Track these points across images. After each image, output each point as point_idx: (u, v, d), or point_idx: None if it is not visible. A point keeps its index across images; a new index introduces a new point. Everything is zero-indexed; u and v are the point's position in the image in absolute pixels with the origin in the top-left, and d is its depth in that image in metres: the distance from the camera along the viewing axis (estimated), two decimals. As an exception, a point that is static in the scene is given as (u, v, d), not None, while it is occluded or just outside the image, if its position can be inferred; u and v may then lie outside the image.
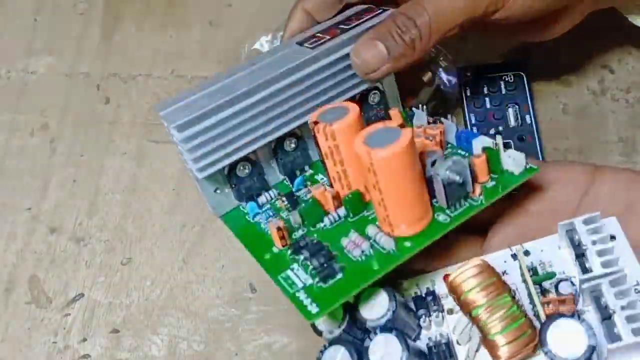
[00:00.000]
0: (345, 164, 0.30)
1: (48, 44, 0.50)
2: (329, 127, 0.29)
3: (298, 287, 0.29)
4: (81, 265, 0.42)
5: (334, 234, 0.31)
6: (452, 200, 0.30)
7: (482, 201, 0.30)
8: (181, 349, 0.39)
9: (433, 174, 0.29)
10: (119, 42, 0.50)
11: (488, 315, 0.26)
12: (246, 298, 0.40)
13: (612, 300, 0.26)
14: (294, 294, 0.29)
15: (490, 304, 0.27)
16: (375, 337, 0.28)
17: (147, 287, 0.41)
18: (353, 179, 0.31)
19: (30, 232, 0.43)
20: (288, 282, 0.29)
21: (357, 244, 0.29)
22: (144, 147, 0.46)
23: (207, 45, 0.49)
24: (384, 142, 0.27)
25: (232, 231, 0.34)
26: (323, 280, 0.28)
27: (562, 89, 0.45)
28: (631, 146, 0.42)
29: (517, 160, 0.30)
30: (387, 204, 0.28)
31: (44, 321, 0.41)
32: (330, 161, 0.30)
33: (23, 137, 0.47)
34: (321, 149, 0.30)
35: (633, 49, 0.46)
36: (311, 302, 0.28)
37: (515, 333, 0.26)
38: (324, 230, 0.31)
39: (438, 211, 0.30)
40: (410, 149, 0.27)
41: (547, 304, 0.27)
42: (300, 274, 0.30)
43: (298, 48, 0.34)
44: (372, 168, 0.27)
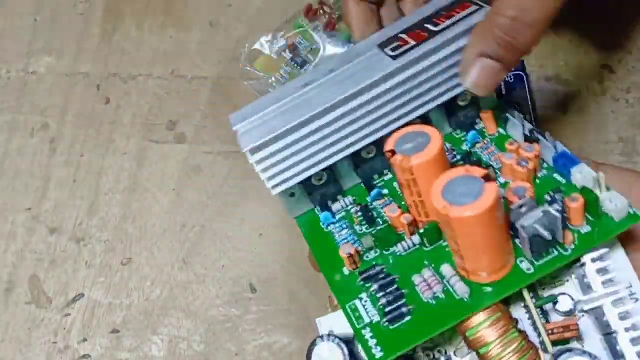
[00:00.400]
0: (423, 196, 0.28)
1: (48, 44, 0.50)
2: (407, 161, 0.27)
3: (364, 322, 0.28)
4: (81, 265, 0.42)
5: (406, 263, 0.29)
6: (537, 253, 0.27)
7: (572, 251, 0.27)
8: (181, 349, 0.39)
9: (519, 226, 0.26)
10: (119, 42, 0.50)
11: (499, 351, 0.26)
12: (246, 298, 0.40)
13: (614, 322, 0.26)
14: (359, 330, 0.27)
15: (500, 340, 0.26)
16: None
17: (147, 287, 0.41)
18: (431, 209, 0.29)
19: (30, 232, 0.43)
20: (355, 314, 0.28)
21: (430, 285, 0.28)
22: (144, 147, 0.46)
23: (207, 45, 0.49)
24: (465, 197, 0.24)
25: (305, 236, 0.32)
26: (390, 322, 0.27)
27: (562, 89, 0.45)
28: (631, 146, 0.42)
29: (619, 205, 0.27)
30: (464, 255, 0.26)
31: (44, 321, 0.41)
32: (407, 190, 0.28)
33: (23, 137, 0.47)
34: (398, 178, 0.28)
35: (633, 49, 0.46)
36: (376, 344, 0.27)
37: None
38: (397, 256, 0.29)
39: (521, 256, 0.27)
40: (493, 208, 0.24)
41: (551, 331, 0.27)
42: (368, 306, 0.28)
43: (379, 54, 0.31)
44: (449, 224, 0.25)
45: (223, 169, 0.45)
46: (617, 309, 0.26)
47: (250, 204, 0.43)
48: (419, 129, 0.28)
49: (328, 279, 0.30)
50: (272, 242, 0.42)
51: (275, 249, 0.42)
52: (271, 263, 0.41)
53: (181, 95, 0.48)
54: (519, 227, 0.26)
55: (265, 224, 0.42)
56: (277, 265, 0.41)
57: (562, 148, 0.30)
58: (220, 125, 0.46)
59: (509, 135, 0.33)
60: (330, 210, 0.32)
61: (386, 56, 0.30)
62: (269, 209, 0.43)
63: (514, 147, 0.30)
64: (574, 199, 0.27)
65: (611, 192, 0.27)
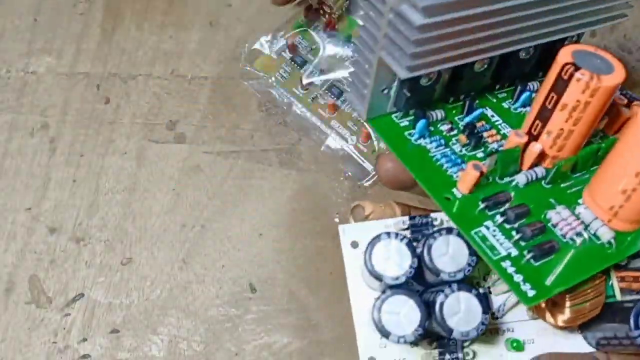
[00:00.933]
0: (579, 125, 0.25)
1: (48, 44, 0.50)
2: (598, 80, 0.24)
3: (501, 254, 0.24)
4: (81, 265, 0.42)
5: (527, 196, 0.26)
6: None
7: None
8: (181, 349, 0.39)
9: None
10: (119, 42, 0.50)
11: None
12: (246, 298, 0.40)
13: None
14: (498, 263, 0.24)
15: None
16: (451, 292, 0.25)
17: (147, 287, 0.41)
18: (572, 143, 0.26)
19: (30, 232, 0.43)
20: (487, 244, 0.25)
21: (572, 225, 0.25)
22: (144, 147, 0.46)
23: (207, 45, 0.49)
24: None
25: (387, 143, 0.28)
26: (535, 258, 0.24)
27: (562, 89, 0.45)
28: (631, 146, 0.42)
29: None
30: (637, 196, 0.24)
31: (44, 321, 0.41)
32: (564, 114, 0.25)
33: (23, 137, 0.47)
34: (562, 98, 0.25)
35: (633, 49, 0.46)
36: (523, 280, 0.24)
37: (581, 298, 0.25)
38: (515, 187, 0.27)
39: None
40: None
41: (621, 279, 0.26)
42: (499, 237, 0.25)
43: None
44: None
45: (223, 169, 0.45)
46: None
47: (250, 204, 0.43)
48: (596, 52, 0.25)
49: (436, 197, 0.26)
50: (272, 242, 0.42)
51: (275, 249, 0.42)
52: (271, 263, 0.41)
53: (181, 95, 0.48)
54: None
55: (265, 224, 0.42)
56: (277, 265, 0.41)
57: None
58: (220, 125, 0.46)
59: None
60: (428, 118, 0.28)
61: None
62: (269, 209, 0.43)
63: (623, 102, 0.28)
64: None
65: None
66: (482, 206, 0.26)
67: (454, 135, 0.28)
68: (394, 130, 0.28)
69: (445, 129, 0.28)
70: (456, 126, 0.29)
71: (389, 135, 0.28)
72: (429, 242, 0.26)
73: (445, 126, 0.28)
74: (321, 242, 0.42)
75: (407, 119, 0.29)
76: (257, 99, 0.47)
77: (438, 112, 0.29)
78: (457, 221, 0.25)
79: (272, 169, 0.45)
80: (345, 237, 0.27)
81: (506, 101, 0.31)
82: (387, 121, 0.28)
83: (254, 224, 0.43)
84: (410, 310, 0.24)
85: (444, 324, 0.24)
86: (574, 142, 0.26)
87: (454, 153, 0.28)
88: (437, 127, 0.29)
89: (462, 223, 0.25)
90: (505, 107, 0.31)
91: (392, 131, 0.28)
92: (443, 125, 0.29)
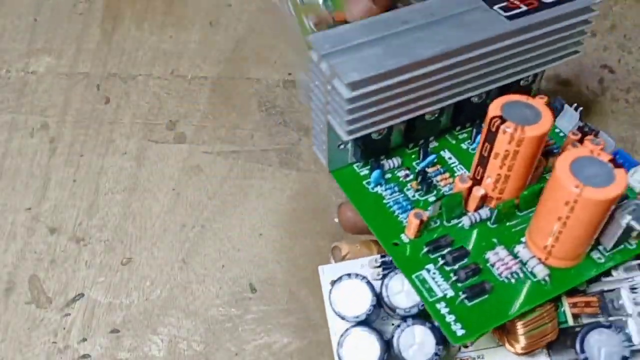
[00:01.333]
0: (513, 171, 0.27)
1: (48, 44, 0.50)
2: (521, 132, 0.25)
3: (437, 295, 0.26)
4: (81, 265, 0.42)
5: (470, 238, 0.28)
6: (618, 244, 0.27)
7: (637, 246, 0.28)
8: (181, 349, 0.39)
9: (617, 217, 0.26)
10: (119, 42, 0.50)
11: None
12: (246, 298, 0.40)
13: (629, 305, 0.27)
14: (432, 305, 0.26)
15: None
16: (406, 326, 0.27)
17: (147, 287, 0.41)
18: (512, 186, 0.28)
19: (30, 232, 0.43)
20: (425, 286, 0.26)
21: (508, 264, 0.27)
22: (144, 147, 0.46)
23: (207, 45, 0.49)
24: (597, 181, 0.24)
25: (346, 192, 0.30)
26: (469, 298, 0.26)
27: (562, 89, 0.45)
28: (631, 146, 0.42)
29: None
30: (564, 237, 0.26)
31: (44, 321, 0.41)
32: (497, 162, 0.27)
33: (23, 137, 0.47)
34: (494, 147, 0.26)
35: (633, 49, 0.46)
36: (455, 320, 0.25)
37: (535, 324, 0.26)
38: (459, 229, 0.28)
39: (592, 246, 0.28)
40: (621, 195, 0.24)
41: (573, 305, 0.28)
42: (438, 279, 0.27)
43: (489, 11, 0.28)
44: (573, 204, 0.24)
45: (223, 169, 0.45)
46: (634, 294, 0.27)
47: (250, 204, 0.43)
48: (526, 102, 0.26)
49: (383, 242, 0.28)
50: (272, 242, 0.42)
51: (275, 249, 0.42)
52: (271, 263, 0.41)
53: (181, 95, 0.48)
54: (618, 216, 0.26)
55: (265, 224, 0.42)
56: (277, 265, 0.41)
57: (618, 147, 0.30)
58: (220, 125, 0.46)
59: (555, 126, 0.32)
60: (382, 168, 0.30)
61: (499, 15, 0.28)
62: (269, 209, 0.43)
63: (577, 137, 0.30)
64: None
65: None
66: (425, 250, 0.27)
67: (409, 180, 0.30)
68: (354, 180, 0.30)
69: (402, 175, 0.30)
70: (413, 171, 0.31)
71: (349, 186, 0.30)
72: (386, 281, 0.28)
73: (402, 172, 0.30)
74: (321, 242, 0.42)
75: (366, 168, 0.31)
76: (257, 99, 0.47)
77: (394, 160, 0.31)
78: (400, 265, 0.27)
79: (272, 169, 0.45)
80: (325, 277, 0.29)
81: (466, 142, 0.33)
82: (349, 171, 0.31)
83: (254, 224, 0.43)
84: (370, 344, 0.26)
85: (400, 356, 0.26)
86: (514, 185, 0.27)
87: (407, 199, 0.30)
88: (395, 173, 0.31)
89: (404, 267, 0.27)
90: (464, 148, 0.32)
91: (352, 181, 0.30)
92: (400, 171, 0.30)
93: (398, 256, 0.28)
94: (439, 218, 0.28)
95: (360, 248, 0.30)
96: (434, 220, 0.28)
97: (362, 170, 0.31)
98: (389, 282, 0.28)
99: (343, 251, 0.31)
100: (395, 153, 0.31)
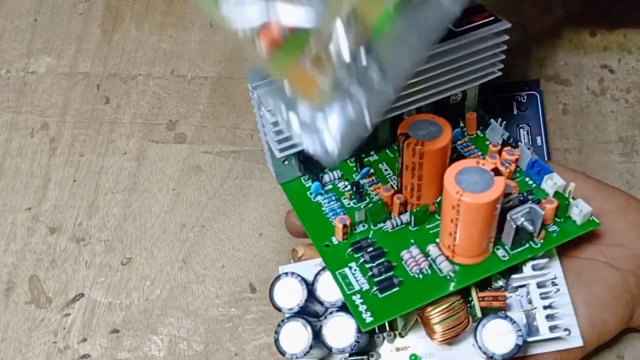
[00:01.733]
0: (423, 180, 0.31)
1: (48, 44, 0.50)
2: (420, 147, 0.29)
3: (354, 289, 0.30)
4: (81, 265, 0.42)
5: (393, 239, 0.32)
6: (517, 243, 0.31)
7: (541, 246, 0.31)
8: (181, 349, 0.39)
9: (509, 219, 0.29)
10: (119, 42, 0.50)
11: (432, 307, 0.30)
12: (246, 298, 0.40)
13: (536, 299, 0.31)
14: (349, 296, 0.30)
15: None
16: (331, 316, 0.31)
17: (147, 287, 0.41)
18: (425, 194, 0.32)
19: (30, 232, 0.43)
20: (345, 281, 0.30)
21: (418, 262, 0.30)
22: (144, 147, 0.46)
23: (207, 45, 0.49)
24: (476, 187, 0.27)
25: (291, 201, 0.35)
26: (380, 290, 0.30)
27: (562, 89, 0.45)
28: (631, 146, 0.42)
29: (583, 212, 0.31)
30: (458, 237, 0.29)
31: (44, 321, 0.41)
32: (409, 173, 0.31)
33: (23, 137, 0.47)
34: (404, 161, 0.31)
35: (633, 49, 0.46)
36: (366, 309, 0.29)
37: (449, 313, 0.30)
38: (384, 232, 0.32)
39: (499, 244, 0.31)
40: (499, 199, 0.27)
41: (482, 299, 0.31)
42: (357, 275, 0.31)
43: None
44: (457, 207, 0.27)
45: (223, 169, 0.45)
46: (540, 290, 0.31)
47: (250, 204, 0.43)
48: (432, 119, 0.30)
49: (317, 245, 0.32)
50: (272, 242, 0.42)
51: (275, 249, 0.42)
52: (271, 263, 0.41)
53: (181, 95, 0.48)
54: (509, 218, 0.29)
55: (265, 224, 0.42)
56: (277, 265, 0.41)
57: (536, 156, 0.33)
58: (220, 125, 0.46)
59: (486, 139, 0.36)
60: (321, 181, 0.35)
61: None
62: (269, 209, 0.43)
63: (497, 148, 0.33)
64: (551, 202, 0.31)
65: (578, 200, 0.31)
66: (350, 250, 0.31)
67: (346, 191, 0.34)
68: (299, 191, 0.35)
69: (341, 186, 0.35)
70: (352, 182, 0.35)
71: (295, 196, 0.35)
72: (317, 277, 0.32)
73: (342, 183, 0.35)
74: (321, 242, 0.42)
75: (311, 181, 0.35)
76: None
77: (335, 172, 0.35)
78: (327, 263, 0.31)
79: (272, 169, 0.45)
80: None
81: None
82: (297, 183, 0.35)
83: (254, 224, 0.43)
84: (301, 333, 0.30)
85: (326, 343, 0.30)
86: (427, 192, 0.32)
87: (342, 207, 0.34)
88: (335, 184, 0.35)
89: (331, 265, 0.31)
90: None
91: (298, 192, 0.35)
92: (340, 182, 0.35)
93: (327, 256, 0.32)
94: (367, 222, 0.33)
95: (315, 250, 0.34)
96: (363, 225, 0.33)
97: (308, 182, 0.35)
98: (319, 278, 0.32)
99: (299, 253, 0.35)
100: (337, 166, 0.36)
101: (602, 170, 0.42)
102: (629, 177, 0.42)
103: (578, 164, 0.42)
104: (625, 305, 0.32)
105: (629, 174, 0.42)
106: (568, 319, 0.31)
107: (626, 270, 0.33)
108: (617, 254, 0.33)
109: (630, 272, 0.33)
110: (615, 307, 0.32)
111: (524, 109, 0.42)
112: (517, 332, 0.29)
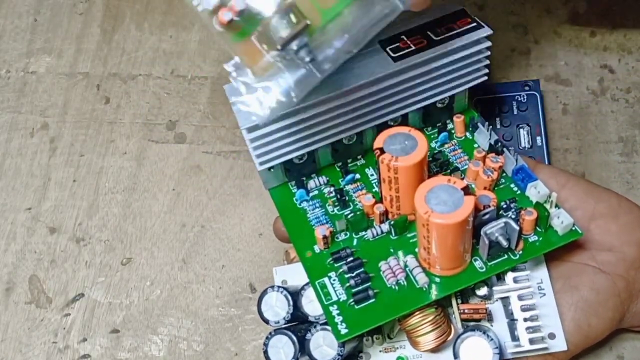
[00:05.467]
0: (400, 193, 0.31)
1: (48, 44, 0.50)
2: (394, 162, 0.29)
3: (332, 299, 0.30)
4: (81, 265, 0.42)
5: (374, 248, 0.32)
6: (492, 256, 0.31)
7: (520, 256, 0.31)
8: (181, 349, 0.39)
9: (482, 234, 0.29)
10: (119, 42, 0.50)
11: (417, 320, 0.30)
12: (246, 298, 0.40)
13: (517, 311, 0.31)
14: (327, 307, 0.30)
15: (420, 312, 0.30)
16: (315, 330, 0.31)
17: (147, 287, 0.41)
18: (403, 205, 0.31)
19: (30, 232, 0.43)
20: (324, 291, 0.31)
21: (395, 273, 0.30)
22: (144, 147, 0.46)
23: (207, 45, 0.49)
24: (445, 206, 0.27)
25: (277, 207, 0.35)
26: (356, 302, 0.30)
27: (562, 89, 0.45)
28: (631, 146, 0.42)
29: (564, 223, 0.30)
30: (432, 251, 0.29)
31: (44, 321, 0.41)
32: (386, 185, 0.31)
33: (23, 137, 0.47)
34: (380, 174, 0.31)
35: (633, 49, 0.46)
36: (342, 321, 0.29)
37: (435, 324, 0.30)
38: (365, 240, 0.32)
39: (476, 255, 0.31)
40: (468, 219, 0.27)
41: (463, 311, 0.31)
42: (336, 285, 0.31)
43: (380, 52, 0.32)
44: (427, 225, 0.28)
45: (223, 169, 0.45)
46: (521, 302, 0.31)
47: (250, 204, 0.43)
48: (407, 132, 0.30)
49: (299, 253, 0.32)
50: (272, 242, 0.42)
51: (275, 249, 0.42)
52: (271, 263, 0.41)
53: (181, 95, 0.48)
54: (483, 233, 0.29)
55: (265, 224, 0.42)
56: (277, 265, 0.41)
57: (521, 162, 0.33)
58: (220, 125, 0.46)
59: (475, 141, 0.36)
60: (306, 188, 0.35)
61: (387, 56, 0.32)
62: (268, 209, 0.43)
63: (481, 155, 0.33)
64: (530, 213, 0.30)
65: (560, 210, 0.31)
66: (330, 260, 0.32)
67: (331, 197, 0.34)
68: (286, 197, 0.35)
69: (327, 192, 0.34)
70: (338, 187, 0.35)
71: (281, 202, 0.35)
72: (302, 292, 0.32)
73: (328, 189, 0.34)
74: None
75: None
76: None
77: (321, 178, 0.35)
78: (308, 272, 0.31)
79: (272, 169, 0.45)
80: (278, 277, 0.34)
81: None
82: (283, 188, 0.35)
83: (254, 224, 0.43)
84: (287, 345, 0.31)
85: (311, 355, 0.31)
86: (406, 203, 0.31)
87: (326, 214, 0.34)
88: (321, 190, 0.35)
89: (310, 274, 0.31)
90: None
91: (285, 198, 0.35)
92: (326, 188, 0.35)
93: (307, 265, 0.32)
94: (348, 231, 0.33)
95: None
96: (345, 233, 0.33)
97: (294, 188, 0.35)
98: (304, 292, 0.32)
99: (291, 255, 0.35)
100: (324, 172, 0.35)
101: (602, 170, 0.42)
102: (629, 177, 0.42)
103: (578, 164, 0.42)
104: (614, 309, 0.32)
105: (629, 174, 0.42)
106: (553, 323, 0.31)
107: (615, 274, 0.33)
108: (607, 258, 0.33)
109: (619, 276, 0.33)
110: (603, 311, 0.32)
111: (524, 109, 0.42)
112: (494, 350, 0.29)
